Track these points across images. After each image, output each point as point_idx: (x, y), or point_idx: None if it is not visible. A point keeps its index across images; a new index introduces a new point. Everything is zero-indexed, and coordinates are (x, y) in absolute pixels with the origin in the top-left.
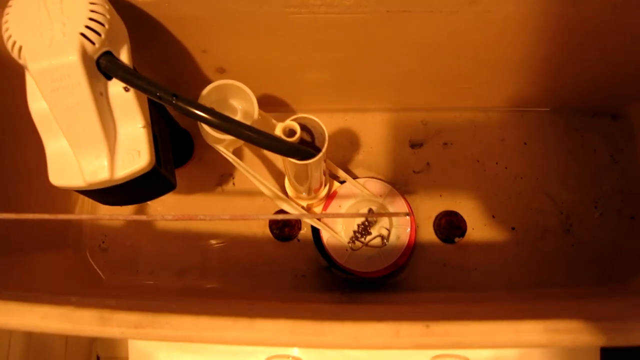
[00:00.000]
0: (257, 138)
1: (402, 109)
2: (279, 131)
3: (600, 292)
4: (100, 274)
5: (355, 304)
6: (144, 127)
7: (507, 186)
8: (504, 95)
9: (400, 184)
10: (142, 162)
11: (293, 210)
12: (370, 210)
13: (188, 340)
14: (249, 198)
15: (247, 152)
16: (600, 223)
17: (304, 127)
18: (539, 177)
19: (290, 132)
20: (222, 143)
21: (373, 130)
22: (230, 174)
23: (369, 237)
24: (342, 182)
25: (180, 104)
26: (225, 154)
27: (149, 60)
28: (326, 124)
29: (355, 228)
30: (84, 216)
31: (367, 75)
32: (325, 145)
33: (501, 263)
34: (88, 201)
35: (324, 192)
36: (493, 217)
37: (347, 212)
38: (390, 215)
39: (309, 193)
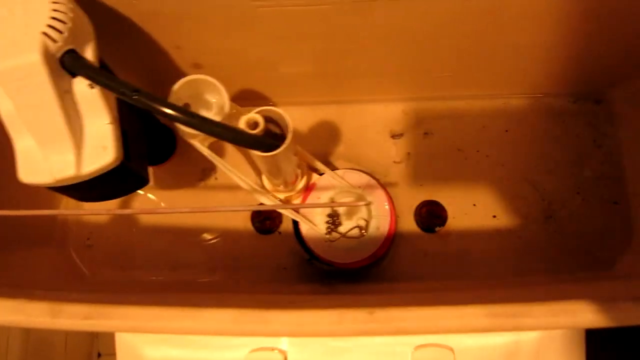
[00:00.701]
0: (219, 131)
1: (382, 99)
2: (242, 124)
3: (582, 278)
4: (85, 270)
5: (334, 294)
6: (110, 123)
7: (488, 174)
8: (484, 83)
9: (381, 174)
10: (108, 157)
11: (270, 203)
12: (332, 200)
13: (136, 331)
14: (230, 192)
15: (229, 147)
16: (582, 209)
17: (270, 120)
18: (520, 164)
19: (255, 125)
20: (196, 138)
21: (353, 122)
22: (212, 169)
23: (345, 228)
24: (321, 174)
25: (141, 99)
26: (200, 148)
27: (123, 58)
28: (306, 117)
29: (327, 219)
30: (44, 212)
31: (344, 66)
32: (289, 136)
33: (482, 251)
34: (73, 200)
35: (301, 184)
36: (474, 205)
37: (309, 203)
38: (351, 205)
39: (285, 186)
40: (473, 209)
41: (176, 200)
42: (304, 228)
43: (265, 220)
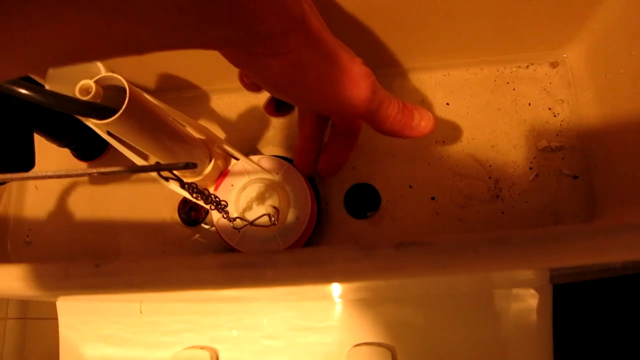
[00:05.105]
0: (40, 99)
1: None
2: (77, 92)
3: None
4: None
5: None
6: None
7: (426, 152)
8: (420, 50)
9: None
10: None
11: (178, 190)
12: (244, 188)
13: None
14: (161, 185)
15: None
16: (536, 185)
17: (112, 88)
18: (462, 139)
19: (87, 92)
20: (90, 120)
21: None
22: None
23: (252, 216)
24: (238, 160)
25: None
26: (96, 130)
27: None
28: (238, 103)
29: (223, 203)
30: None
31: None
32: (126, 100)
33: (419, 237)
34: (14, 195)
35: (208, 169)
36: (410, 187)
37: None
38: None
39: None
40: (409, 192)
41: (110, 194)
42: (216, 217)
43: (191, 212)
